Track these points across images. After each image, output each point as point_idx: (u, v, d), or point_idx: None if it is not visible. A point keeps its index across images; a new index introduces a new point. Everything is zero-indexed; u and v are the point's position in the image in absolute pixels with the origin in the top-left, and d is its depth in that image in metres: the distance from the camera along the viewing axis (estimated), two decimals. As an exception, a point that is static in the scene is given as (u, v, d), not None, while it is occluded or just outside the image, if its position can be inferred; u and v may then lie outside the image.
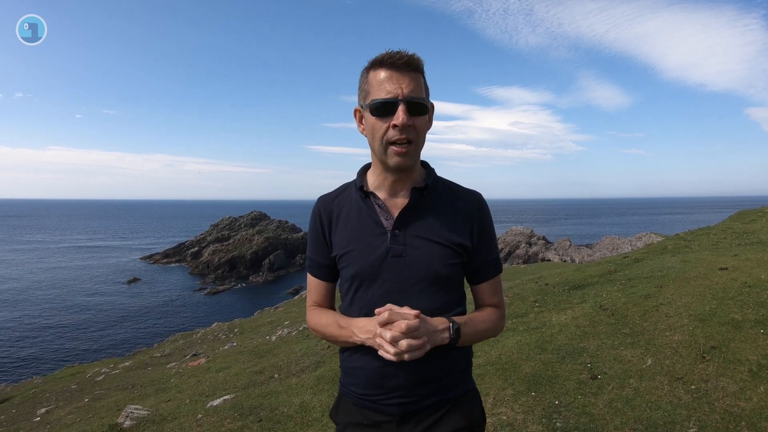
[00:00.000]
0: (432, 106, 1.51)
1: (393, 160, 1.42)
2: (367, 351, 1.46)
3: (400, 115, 1.37)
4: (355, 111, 1.54)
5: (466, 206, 1.54)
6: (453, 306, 1.51)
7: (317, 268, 1.64)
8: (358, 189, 1.54)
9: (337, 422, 1.63)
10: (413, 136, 1.41)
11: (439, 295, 1.48)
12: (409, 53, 1.41)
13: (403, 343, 1.29)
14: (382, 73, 1.41)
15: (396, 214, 1.50)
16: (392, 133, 1.39)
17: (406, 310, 1.33)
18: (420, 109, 1.42)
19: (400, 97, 1.38)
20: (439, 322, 1.40)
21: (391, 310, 1.33)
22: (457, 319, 1.45)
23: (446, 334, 1.39)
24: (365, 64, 1.48)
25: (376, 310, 1.35)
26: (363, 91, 1.47)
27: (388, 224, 1.49)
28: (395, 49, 1.42)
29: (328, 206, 1.60)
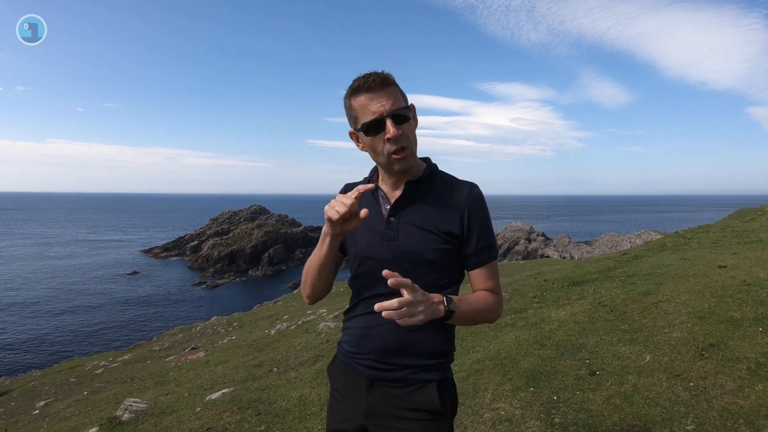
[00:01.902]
0: (413, 106, 1.67)
1: (397, 167, 1.61)
2: (363, 313, 1.67)
3: (390, 130, 1.54)
4: (351, 134, 1.72)
5: (457, 196, 1.67)
6: (441, 287, 1.61)
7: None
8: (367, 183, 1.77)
9: (330, 377, 1.86)
10: (406, 142, 1.59)
11: (428, 276, 1.61)
12: (379, 72, 1.57)
13: (393, 302, 1.33)
14: (363, 98, 1.57)
15: (392, 203, 1.69)
16: (389, 146, 1.57)
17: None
18: (404, 118, 1.59)
19: (385, 114, 1.55)
20: (435, 295, 1.46)
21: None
22: (453, 297, 1.55)
23: (441, 306, 1.45)
24: (366, 59, 1.61)
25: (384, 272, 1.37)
26: (351, 117, 1.65)
27: (386, 212, 1.69)
28: (365, 73, 1.59)
29: (348, 191, 1.72)
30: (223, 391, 5.52)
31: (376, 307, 1.35)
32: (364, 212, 1.47)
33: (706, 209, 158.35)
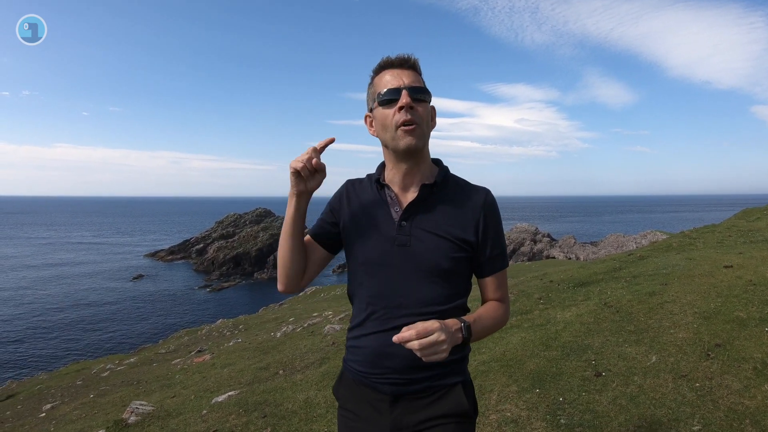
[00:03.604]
0: (433, 107, 1.65)
1: (403, 141, 1.54)
2: (372, 332, 1.58)
3: (404, 98, 1.51)
4: (366, 117, 1.69)
5: (472, 202, 1.61)
6: (454, 297, 1.59)
7: (317, 227, 1.76)
8: (374, 181, 1.68)
9: (338, 397, 1.75)
10: (418, 119, 1.53)
11: (440, 285, 1.56)
12: (407, 55, 1.59)
13: (415, 344, 1.31)
14: (386, 75, 1.58)
15: (405, 206, 1.60)
16: (399, 116, 1.52)
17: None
18: (421, 94, 1.56)
19: (402, 86, 1.53)
20: (452, 323, 1.44)
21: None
22: (466, 318, 1.51)
23: (459, 334, 1.44)
24: (370, 62, 1.65)
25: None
26: (371, 94, 1.63)
27: (396, 215, 1.60)
28: (394, 54, 1.60)
29: (350, 189, 1.75)
30: (230, 393, 5.53)
31: (395, 339, 1.33)
32: (324, 143, 1.51)
33: (712, 209, 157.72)
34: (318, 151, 1.50)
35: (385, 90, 1.55)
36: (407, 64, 1.59)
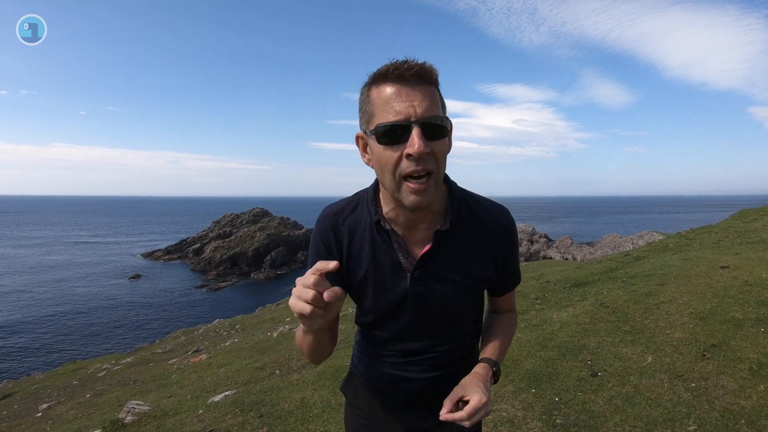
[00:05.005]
0: (451, 124, 1.25)
1: (409, 199, 1.19)
2: (386, 361, 1.51)
3: (415, 142, 1.12)
4: (357, 138, 1.30)
5: (491, 237, 1.39)
6: (470, 329, 1.53)
7: None
8: (374, 223, 1.35)
9: (347, 395, 1.69)
10: (432, 167, 1.17)
11: (457, 325, 1.48)
12: (420, 62, 1.15)
13: (466, 423, 1.25)
14: (388, 89, 1.15)
15: (414, 251, 1.36)
16: (406, 165, 1.15)
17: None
18: (438, 131, 1.17)
19: (412, 119, 1.13)
20: (486, 372, 1.39)
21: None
22: (490, 353, 1.46)
23: (494, 380, 1.42)
24: (368, 60, 1.29)
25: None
26: (365, 113, 1.21)
27: (407, 264, 1.35)
28: (401, 58, 1.16)
29: (338, 227, 1.40)
30: (226, 393, 5.53)
31: (442, 417, 1.24)
32: (333, 265, 1.05)
33: (708, 210, 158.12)
34: (321, 279, 1.07)
35: (387, 123, 1.14)
36: (422, 78, 1.15)
